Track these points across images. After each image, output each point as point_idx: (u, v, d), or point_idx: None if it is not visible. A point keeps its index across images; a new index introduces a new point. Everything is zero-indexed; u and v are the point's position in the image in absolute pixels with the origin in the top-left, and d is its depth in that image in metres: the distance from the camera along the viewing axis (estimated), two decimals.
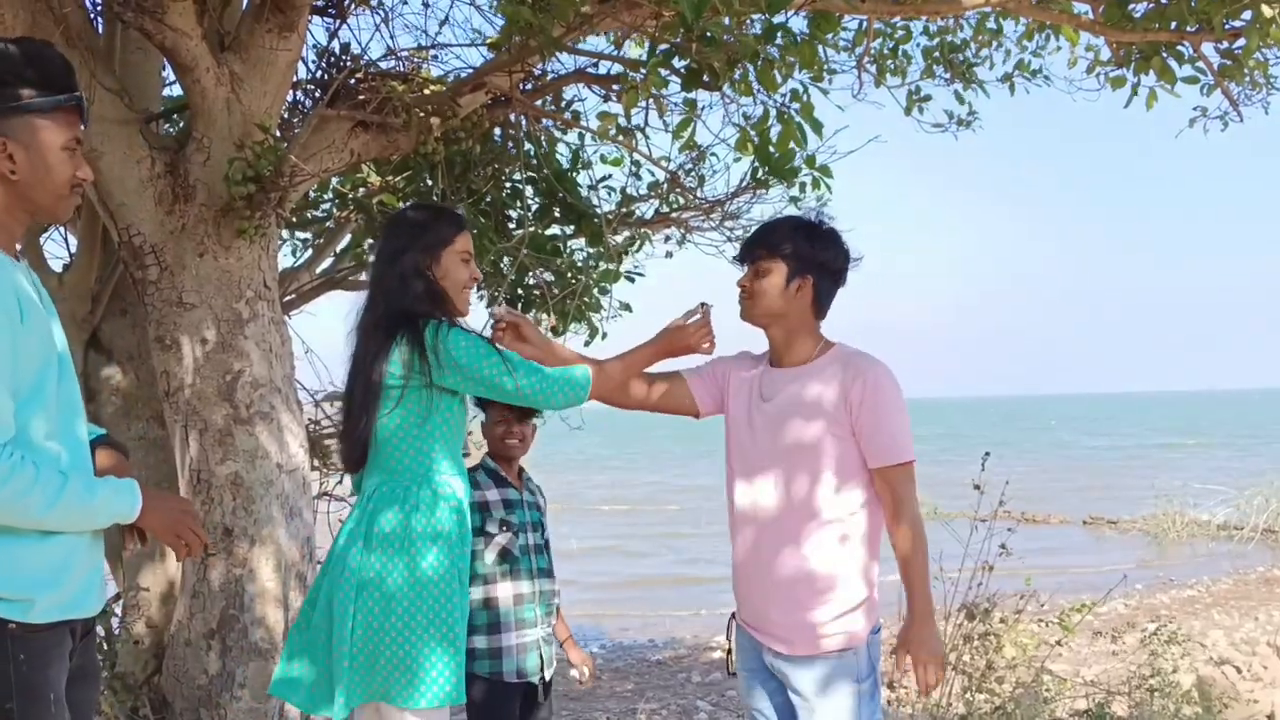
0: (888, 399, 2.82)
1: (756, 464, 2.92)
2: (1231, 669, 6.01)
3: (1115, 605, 9.66)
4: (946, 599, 4.61)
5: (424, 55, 4.69)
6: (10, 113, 2.06)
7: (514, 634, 3.70)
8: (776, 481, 2.87)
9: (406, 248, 2.87)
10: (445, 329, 2.77)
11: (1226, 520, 16.53)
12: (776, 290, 2.89)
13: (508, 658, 3.68)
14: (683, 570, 14.74)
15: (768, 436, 2.90)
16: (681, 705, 7.29)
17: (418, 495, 2.81)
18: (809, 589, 2.81)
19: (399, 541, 2.77)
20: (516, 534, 3.77)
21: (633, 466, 33.55)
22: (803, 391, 2.88)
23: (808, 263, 2.89)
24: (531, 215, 5.12)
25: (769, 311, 2.91)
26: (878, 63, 6.48)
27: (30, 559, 2.04)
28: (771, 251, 2.90)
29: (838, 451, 2.81)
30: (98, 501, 2.12)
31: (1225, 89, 5.30)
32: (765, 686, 2.96)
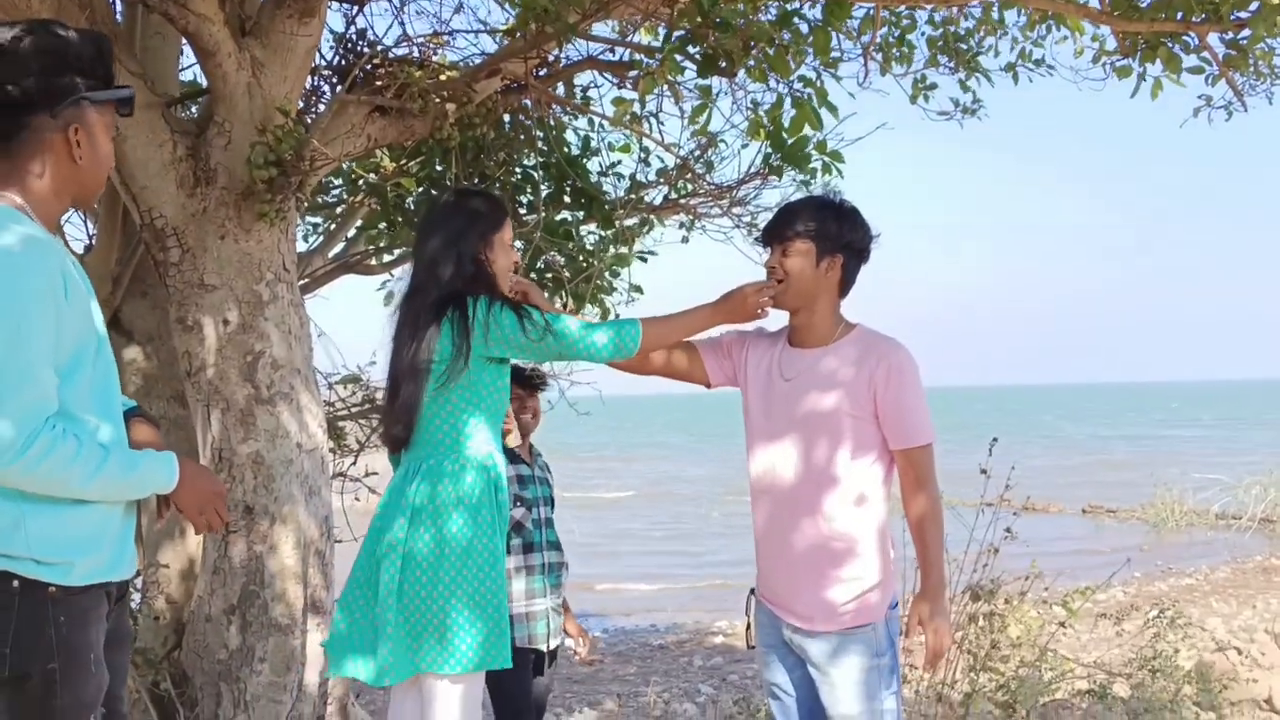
0: (909, 381, 2.85)
1: (775, 438, 2.94)
2: (1232, 653, 6.09)
3: (1114, 593, 9.75)
4: (952, 582, 4.68)
5: (439, 41, 4.74)
6: (81, 102, 2.14)
7: (524, 603, 3.82)
8: (794, 453, 2.90)
9: (465, 232, 2.94)
10: (495, 303, 2.85)
11: (1224, 509, 16.62)
12: (808, 271, 2.90)
13: (519, 624, 3.80)
14: (685, 556, 14.83)
15: (787, 412, 2.92)
16: (684, 688, 7.38)
17: (451, 464, 2.88)
18: (827, 559, 2.85)
19: (431, 510, 2.85)
20: (530, 509, 3.87)
21: (632, 455, 33.61)
22: (824, 370, 2.90)
23: (836, 241, 2.91)
24: (543, 200, 5.17)
25: (802, 293, 2.92)
26: (884, 51, 6.51)
27: (68, 525, 2.11)
28: (800, 232, 2.91)
29: (856, 429, 2.84)
30: (138, 474, 2.19)
31: (1230, 79, 5.34)
32: (784, 662, 3.00)
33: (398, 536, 2.84)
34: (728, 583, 11.63)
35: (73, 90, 2.13)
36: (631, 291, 5.46)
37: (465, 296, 2.86)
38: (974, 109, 6.92)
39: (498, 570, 2.89)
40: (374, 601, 2.87)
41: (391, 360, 2.97)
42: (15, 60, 2.08)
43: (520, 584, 3.81)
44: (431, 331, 2.85)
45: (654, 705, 6.56)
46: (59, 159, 2.14)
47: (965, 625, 4.49)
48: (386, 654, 2.82)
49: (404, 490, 2.88)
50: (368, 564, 2.92)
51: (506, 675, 3.79)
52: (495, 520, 2.91)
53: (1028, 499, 5.43)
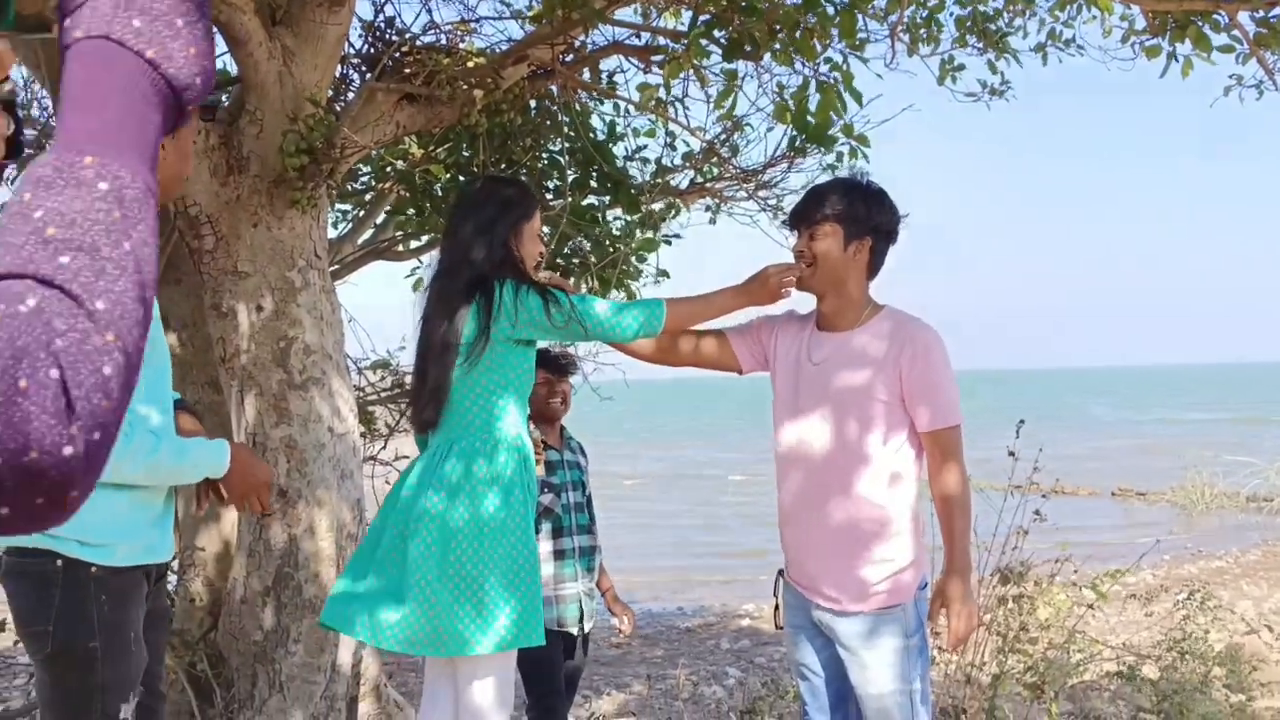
0: (936, 362, 2.85)
1: (804, 416, 2.95)
2: (1265, 633, 6.06)
3: (1144, 575, 9.71)
4: (981, 564, 4.69)
5: (466, 29, 4.76)
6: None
7: (553, 587, 3.86)
8: (824, 433, 2.90)
9: (498, 219, 2.99)
10: (522, 286, 2.91)
11: (1255, 492, 16.48)
12: (837, 254, 2.90)
13: (548, 607, 3.83)
14: (711, 540, 14.86)
15: (816, 394, 2.93)
16: (711, 671, 7.41)
17: (483, 444, 2.93)
18: (857, 538, 2.86)
19: (468, 488, 2.89)
20: (558, 494, 3.91)
21: (654, 439, 33.67)
22: (852, 352, 2.91)
23: (864, 224, 2.91)
24: (569, 185, 5.20)
25: (831, 277, 2.92)
26: (911, 32, 6.48)
27: (112, 508, 2.16)
28: (828, 215, 2.91)
29: (885, 410, 2.85)
30: (189, 460, 2.26)
31: (1261, 57, 5.29)
32: (813, 643, 3.01)
33: (435, 509, 2.88)
34: (754, 566, 11.67)
35: None
36: (658, 276, 5.48)
37: (493, 280, 2.91)
38: (1002, 90, 6.89)
39: (531, 549, 2.94)
40: (399, 569, 2.90)
41: (420, 341, 3.02)
42: None
43: (549, 568, 3.85)
44: (461, 313, 2.91)
45: (681, 688, 6.60)
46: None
47: (994, 608, 4.50)
48: (421, 624, 2.85)
49: (436, 468, 2.92)
50: (390, 535, 2.95)
51: (537, 656, 3.85)
52: (526, 500, 2.96)
53: (1056, 481, 5.42)
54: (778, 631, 3.19)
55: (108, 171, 0.77)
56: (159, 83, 0.83)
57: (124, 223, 0.76)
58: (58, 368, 0.66)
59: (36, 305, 0.68)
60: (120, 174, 0.77)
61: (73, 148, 0.78)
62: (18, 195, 0.76)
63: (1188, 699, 4.29)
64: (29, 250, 0.71)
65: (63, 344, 0.68)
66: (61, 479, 0.66)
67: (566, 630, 3.91)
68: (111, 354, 0.70)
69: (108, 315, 0.71)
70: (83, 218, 0.74)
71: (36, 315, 0.68)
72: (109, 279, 0.72)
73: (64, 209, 0.74)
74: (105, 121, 0.80)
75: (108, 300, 0.71)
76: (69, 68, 0.82)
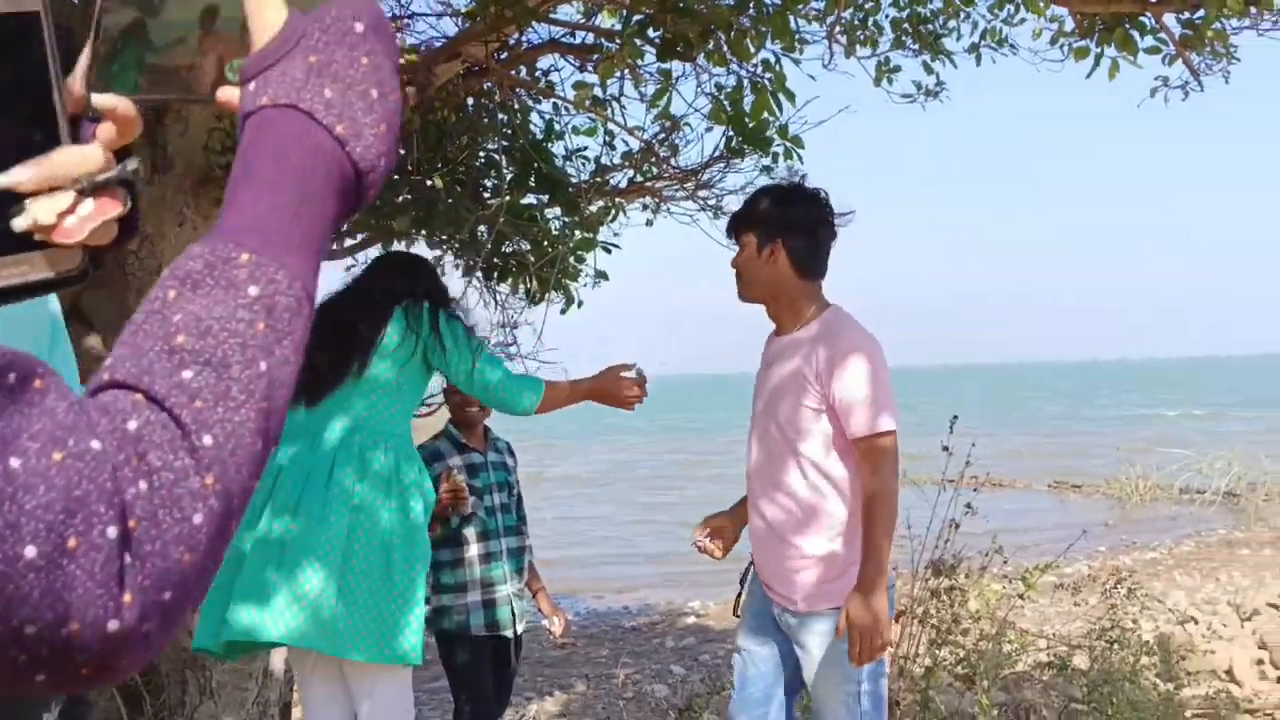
0: (857, 370, 2.81)
1: (754, 424, 3.02)
2: (1191, 625, 6.20)
3: (1079, 566, 9.88)
4: (914, 558, 4.75)
5: (398, 25, 4.72)
6: None
7: (479, 591, 3.83)
8: (762, 440, 2.97)
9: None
10: (449, 316, 2.99)
11: (1189, 484, 16.82)
12: (751, 261, 2.93)
13: (474, 612, 3.81)
14: (656, 539, 14.88)
15: (761, 397, 3.01)
16: (656, 669, 7.42)
17: (402, 451, 2.93)
18: (795, 537, 2.90)
19: (370, 496, 2.87)
20: (481, 496, 3.89)
21: (595, 439, 33.70)
22: (785, 357, 2.94)
23: (775, 225, 2.91)
24: (506, 184, 5.17)
25: (754, 284, 2.95)
26: (848, 33, 6.53)
27: None
28: (743, 225, 2.96)
29: (813, 416, 2.85)
30: None
31: (1186, 59, 5.40)
32: (769, 635, 3.04)
33: (369, 504, 2.86)
34: (699, 564, 11.71)
35: None
36: (596, 278, 5.47)
37: (426, 299, 2.99)
38: (936, 91, 6.97)
39: (426, 561, 2.97)
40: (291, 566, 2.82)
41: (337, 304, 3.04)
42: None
43: (477, 571, 3.82)
44: (388, 310, 2.94)
45: (625, 687, 6.60)
46: None
47: (927, 600, 4.56)
48: (354, 626, 2.80)
49: (330, 470, 2.87)
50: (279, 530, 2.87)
51: (468, 661, 3.82)
52: (425, 511, 2.97)
53: (987, 474, 5.51)
54: (726, 626, 3.26)
55: (262, 274, 0.67)
56: (344, 163, 0.73)
57: (267, 337, 0.66)
58: (120, 524, 0.57)
59: (136, 431, 0.60)
60: (276, 277, 0.67)
61: (232, 238, 0.69)
62: (162, 289, 0.68)
63: (1117, 688, 4.37)
64: (150, 359, 0.63)
65: (143, 488, 0.59)
66: (106, 651, 0.57)
67: (499, 634, 3.89)
68: (207, 500, 0.61)
69: (215, 453, 0.62)
70: (220, 326, 0.64)
71: (120, 448, 0.59)
72: (229, 406, 0.63)
73: (202, 314, 0.64)
74: (277, 206, 0.70)
75: (220, 433, 0.62)
76: (246, 138, 0.74)
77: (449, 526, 3.77)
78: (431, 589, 3.81)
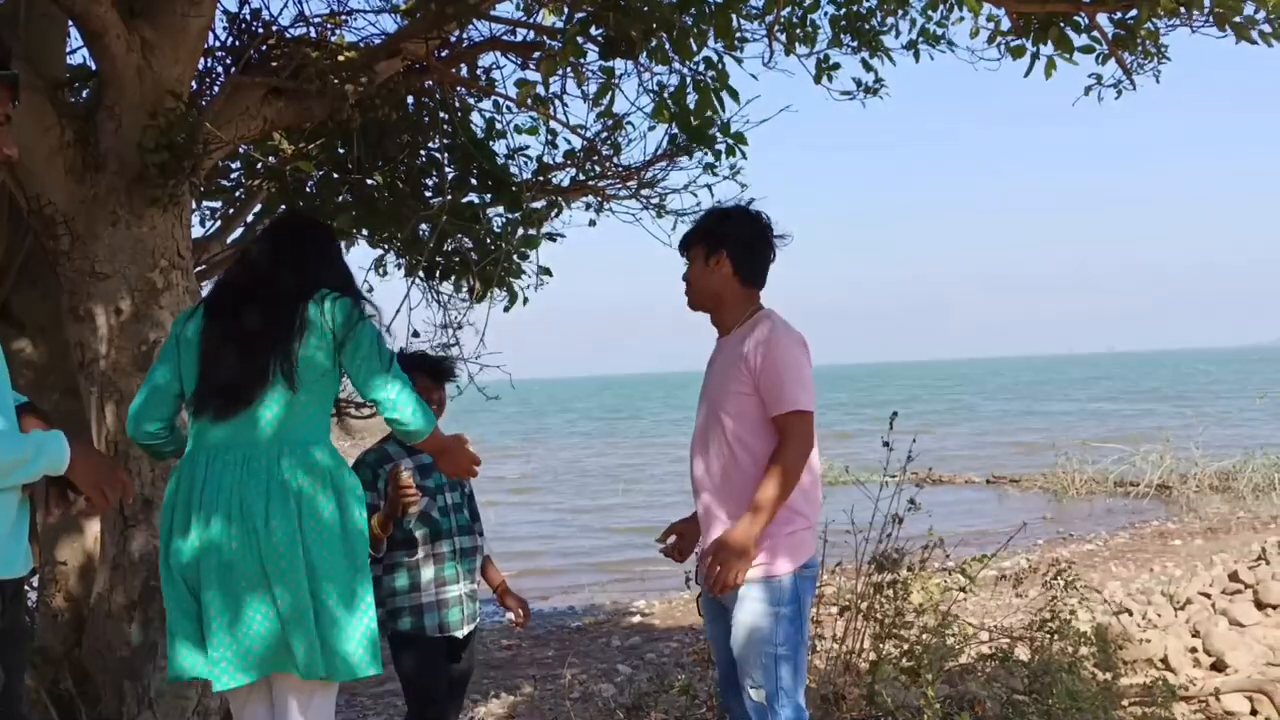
0: (778, 353, 3.11)
1: (698, 424, 3.29)
2: (1126, 615, 6.31)
3: (1018, 559, 10.03)
4: (857, 552, 4.78)
5: (337, 22, 4.66)
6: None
7: (434, 591, 3.79)
8: (706, 436, 3.24)
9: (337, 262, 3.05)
10: (361, 316, 2.88)
11: (1123, 477, 17.15)
12: (700, 271, 3.24)
13: (429, 613, 3.78)
14: (601, 539, 14.87)
15: (704, 396, 3.30)
16: (603, 669, 7.41)
17: (334, 455, 2.87)
18: (728, 519, 3.12)
19: (334, 497, 2.82)
20: (433, 497, 3.85)
21: (538, 440, 33.62)
22: (725, 352, 3.25)
23: (718, 237, 3.23)
24: (448, 183, 5.13)
25: (702, 293, 3.26)
26: (787, 31, 6.57)
27: None
28: (691, 241, 3.27)
29: (744, 403, 3.14)
30: (25, 452, 2.12)
31: (1119, 58, 5.50)
32: (718, 620, 3.27)
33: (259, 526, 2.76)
34: (643, 564, 11.70)
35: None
36: (540, 275, 5.45)
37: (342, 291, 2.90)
38: (876, 88, 7.03)
39: (367, 570, 2.90)
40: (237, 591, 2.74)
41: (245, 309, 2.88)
42: None
43: (429, 572, 3.78)
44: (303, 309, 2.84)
45: (571, 687, 6.58)
46: None
47: (871, 595, 4.59)
48: (298, 645, 2.75)
49: (265, 483, 2.77)
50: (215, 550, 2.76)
51: (419, 664, 3.78)
52: (363, 516, 2.92)
53: (929, 470, 5.57)
54: (671, 625, 3.38)
55: None
56: None
57: None
58: None
59: None
60: None
61: None
62: None
63: (1057, 679, 4.44)
64: None
65: None
66: None
67: (450, 635, 3.85)
68: None
69: None
70: None
71: None
72: None
73: None
74: None
75: None
76: None
77: (402, 527, 3.72)
78: (385, 592, 3.78)
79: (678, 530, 3.50)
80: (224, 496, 2.75)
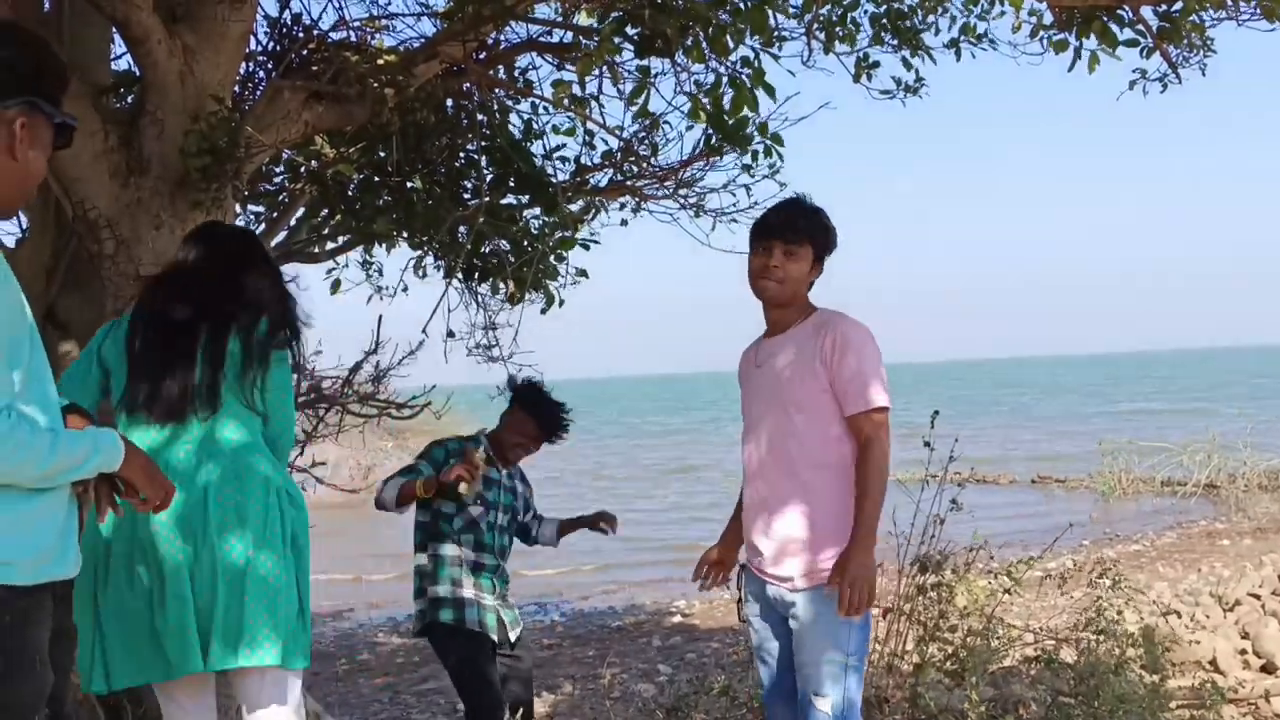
0: (857, 349, 3.06)
1: (754, 418, 3.23)
2: (1174, 616, 6.22)
3: (1064, 560, 9.91)
4: (900, 554, 4.74)
5: (376, 25, 4.69)
6: (33, 106, 2.08)
7: (473, 592, 3.85)
8: (767, 428, 3.17)
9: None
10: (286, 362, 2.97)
11: (1170, 476, 16.91)
12: (803, 274, 3.17)
13: (470, 607, 3.84)
14: (643, 539, 14.86)
15: (761, 394, 3.21)
16: (643, 669, 7.40)
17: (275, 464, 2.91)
18: (799, 517, 3.08)
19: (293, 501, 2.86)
20: (488, 509, 3.90)
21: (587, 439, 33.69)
22: (788, 349, 3.16)
23: (823, 248, 3.20)
24: (486, 185, 5.14)
25: (795, 293, 3.18)
26: (826, 30, 6.52)
27: (9, 521, 2.07)
28: (804, 238, 3.15)
29: (818, 400, 3.08)
30: (86, 448, 2.15)
31: (1164, 51, 5.42)
32: (774, 628, 3.22)
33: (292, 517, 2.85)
34: (686, 563, 11.70)
35: (30, 91, 2.07)
36: (576, 276, 5.46)
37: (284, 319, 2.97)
38: (916, 87, 6.97)
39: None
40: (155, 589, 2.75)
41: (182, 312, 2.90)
42: None
43: (470, 576, 3.87)
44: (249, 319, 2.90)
45: (611, 687, 6.58)
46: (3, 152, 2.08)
47: (914, 596, 4.55)
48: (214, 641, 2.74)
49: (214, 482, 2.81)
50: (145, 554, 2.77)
51: (466, 654, 3.83)
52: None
53: (972, 470, 5.51)
54: (712, 626, 3.34)
55: None
56: None
57: None
58: None
59: None
60: None
61: None
62: None
63: (1104, 681, 4.38)
64: None
65: None
66: None
67: (488, 634, 3.90)
68: None
69: None
70: None
71: None
72: None
73: None
74: None
75: None
76: None
77: (450, 495, 3.76)
78: (428, 580, 3.85)
79: (709, 560, 3.46)
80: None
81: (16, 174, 2.10)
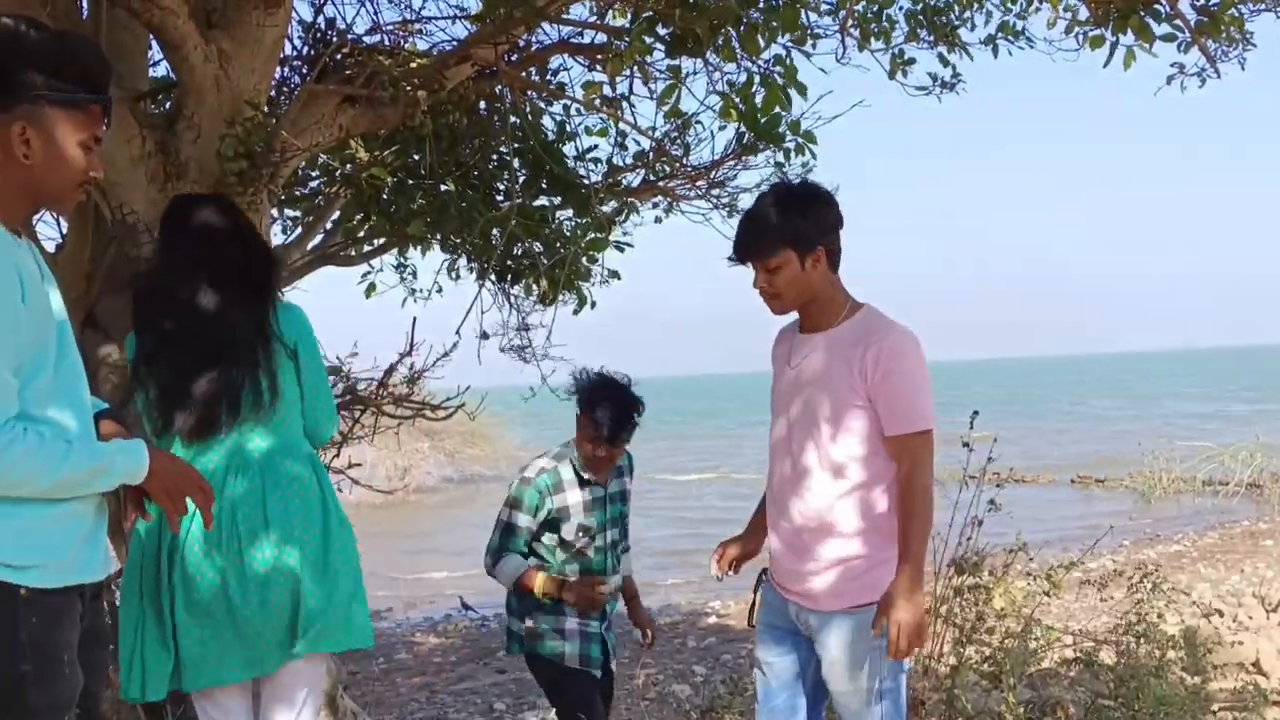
0: (903, 367, 2.81)
1: (780, 423, 2.98)
2: (1216, 618, 6.13)
3: (1104, 561, 9.80)
4: (936, 555, 4.70)
5: (409, 29, 4.72)
6: (35, 100, 2.09)
7: (576, 624, 3.80)
8: (793, 436, 2.93)
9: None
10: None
11: (1211, 476, 16.69)
12: (796, 277, 2.87)
13: (571, 640, 3.80)
14: (679, 539, 14.85)
15: (791, 397, 2.95)
16: (678, 669, 7.40)
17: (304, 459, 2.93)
18: (824, 539, 2.87)
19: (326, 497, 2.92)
20: (593, 537, 3.85)
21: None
22: (822, 354, 2.91)
23: (812, 237, 2.86)
24: (519, 187, 5.16)
25: (800, 295, 2.90)
26: (861, 26, 6.49)
27: (35, 526, 2.09)
28: (776, 245, 2.86)
29: (850, 413, 2.83)
30: (103, 463, 2.16)
31: (1202, 46, 5.33)
32: (786, 642, 3.02)
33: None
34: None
35: (25, 88, 2.08)
36: (608, 277, 5.46)
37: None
38: (953, 83, 6.92)
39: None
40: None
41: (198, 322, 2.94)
42: None
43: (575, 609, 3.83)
44: (268, 305, 2.96)
45: (647, 688, 6.58)
46: (8, 158, 2.10)
47: (950, 598, 4.51)
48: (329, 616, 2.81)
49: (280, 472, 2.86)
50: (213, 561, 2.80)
51: (570, 705, 3.76)
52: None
53: (1011, 470, 5.45)
54: (746, 628, 3.19)
55: None
56: None
57: None
58: None
59: None
60: None
61: None
62: None
63: (1144, 683, 4.32)
64: None
65: None
66: None
67: (589, 670, 3.86)
68: None
69: None
70: None
71: None
72: None
73: None
74: None
75: None
76: None
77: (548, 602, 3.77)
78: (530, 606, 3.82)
79: (731, 556, 3.25)
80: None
81: (37, 176, 2.11)
